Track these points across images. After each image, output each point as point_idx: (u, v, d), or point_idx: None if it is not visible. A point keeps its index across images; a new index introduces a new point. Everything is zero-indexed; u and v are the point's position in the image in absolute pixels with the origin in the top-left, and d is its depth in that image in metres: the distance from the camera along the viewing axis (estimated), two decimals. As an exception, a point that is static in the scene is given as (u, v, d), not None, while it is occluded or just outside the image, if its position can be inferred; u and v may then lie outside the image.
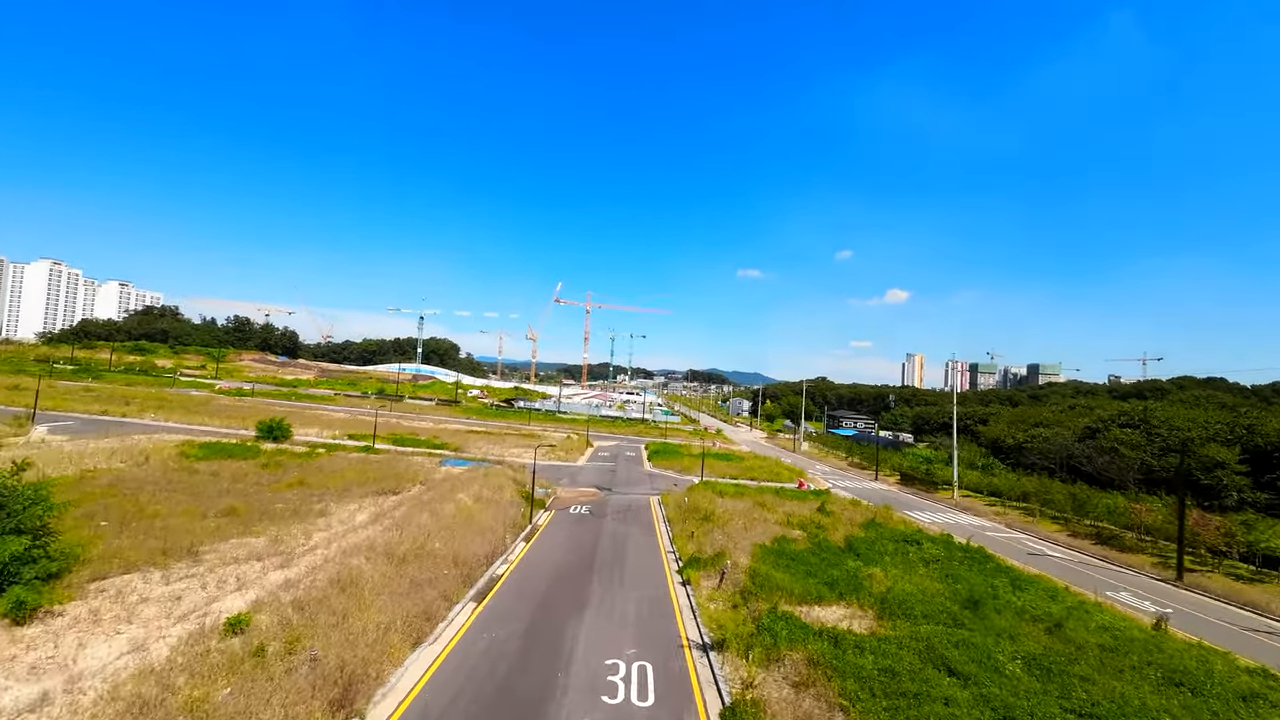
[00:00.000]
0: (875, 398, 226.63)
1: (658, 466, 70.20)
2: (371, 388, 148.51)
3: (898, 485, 71.09)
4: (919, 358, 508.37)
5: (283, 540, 24.95)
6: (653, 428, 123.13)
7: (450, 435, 79.22)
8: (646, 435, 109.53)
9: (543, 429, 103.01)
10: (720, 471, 66.89)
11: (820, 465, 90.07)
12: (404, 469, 43.63)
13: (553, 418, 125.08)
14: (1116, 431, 57.85)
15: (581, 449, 79.15)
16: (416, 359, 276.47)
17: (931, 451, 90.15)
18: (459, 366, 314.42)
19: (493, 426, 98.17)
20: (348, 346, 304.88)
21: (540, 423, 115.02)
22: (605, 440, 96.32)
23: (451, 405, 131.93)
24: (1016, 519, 52.40)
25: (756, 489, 51.20)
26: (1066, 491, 51.20)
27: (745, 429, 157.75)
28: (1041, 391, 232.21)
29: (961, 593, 25.26)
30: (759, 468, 70.90)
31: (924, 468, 73.55)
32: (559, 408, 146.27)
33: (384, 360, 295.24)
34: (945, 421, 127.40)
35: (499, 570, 28.18)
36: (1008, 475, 59.43)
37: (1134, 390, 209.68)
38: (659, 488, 56.30)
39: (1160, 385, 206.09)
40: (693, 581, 27.59)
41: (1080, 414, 76.21)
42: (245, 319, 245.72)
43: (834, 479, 74.75)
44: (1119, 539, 43.96)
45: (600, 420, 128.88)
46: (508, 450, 69.91)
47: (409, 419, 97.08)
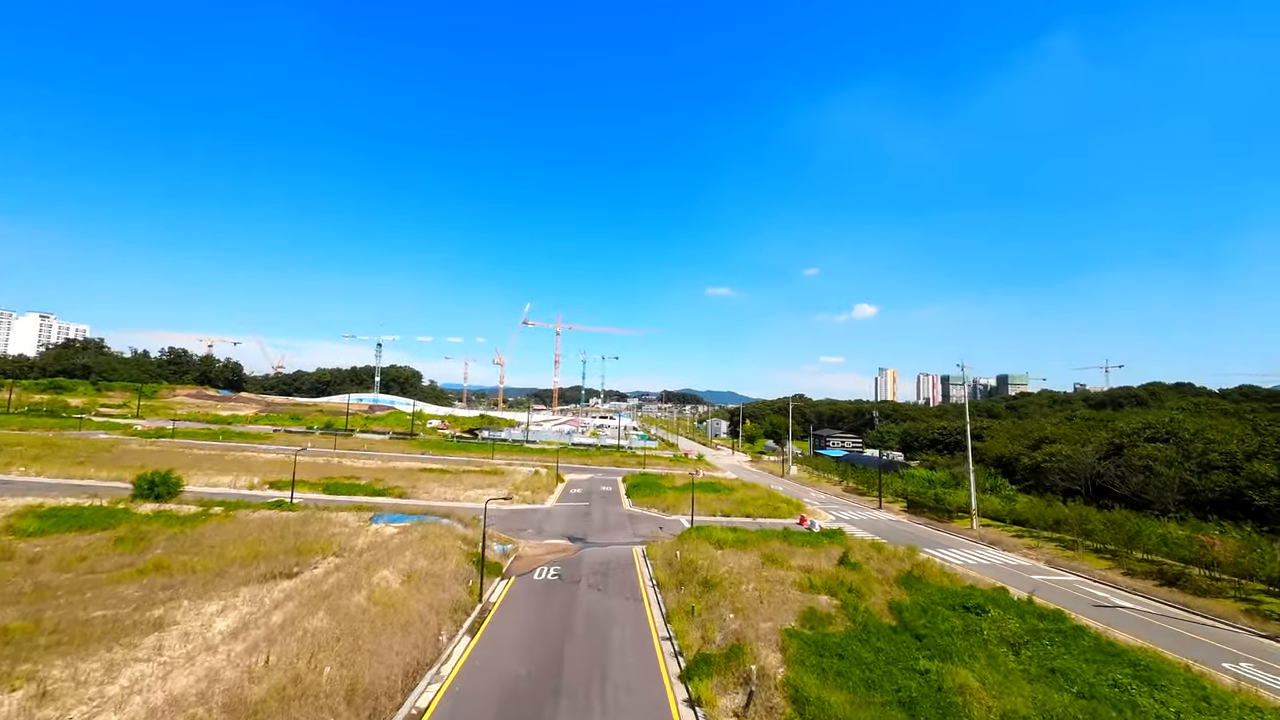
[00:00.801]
0: (855, 414, 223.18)
1: (638, 504, 61.74)
2: (318, 422, 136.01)
3: (906, 514, 64.23)
4: (891, 371, 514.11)
5: (57, 695, 15.72)
6: (629, 456, 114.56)
7: (398, 476, 69.24)
8: (623, 465, 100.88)
9: (508, 463, 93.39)
10: (710, 507, 58.88)
11: (814, 492, 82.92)
12: (317, 534, 34.23)
13: (520, 449, 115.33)
14: (1146, 447, 52.44)
15: (550, 487, 70.10)
16: (374, 389, 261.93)
17: (930, 473, 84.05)
18: (421, 395, 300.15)
19: (451, 462, 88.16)
20: (300, 378, 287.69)
21: (506, 455, 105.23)
22: (578, 473, 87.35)
23: (407, 439, 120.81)
24: (1055, 554, 45.78)
25: (758, 533, 43.36)
26: (1108, 520, 44.94)
27: (726, 452, 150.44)
28: (1017, 402, 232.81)
29: (1095, 712, 17.66)
30: (752, 500, 63.16)
31: (932, 493, 67.00)
32: (527, 437, 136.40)
33: (340, 391, 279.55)
34: (935, 438, 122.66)
35: (422, 699, 19.40)
36: (1035, 502, 53.15)
37: (1108, 398, 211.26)
38: (642, 533, 47.88)
39: (1133, 392, 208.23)
40: (705, 700, 19.37)
41: (1094, 427, 71.31)
42: (182, 351, 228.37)
43: (834, 508, 67.55)
44: (1186, 578, 37.51)
45: (572, 450, 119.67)
46: (464, 492, 60.52)
47: (354, 457, 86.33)
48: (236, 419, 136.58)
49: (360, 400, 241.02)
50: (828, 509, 67.58)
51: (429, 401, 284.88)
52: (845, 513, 65.12)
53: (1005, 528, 55.11)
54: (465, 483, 67.87)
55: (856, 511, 65.97)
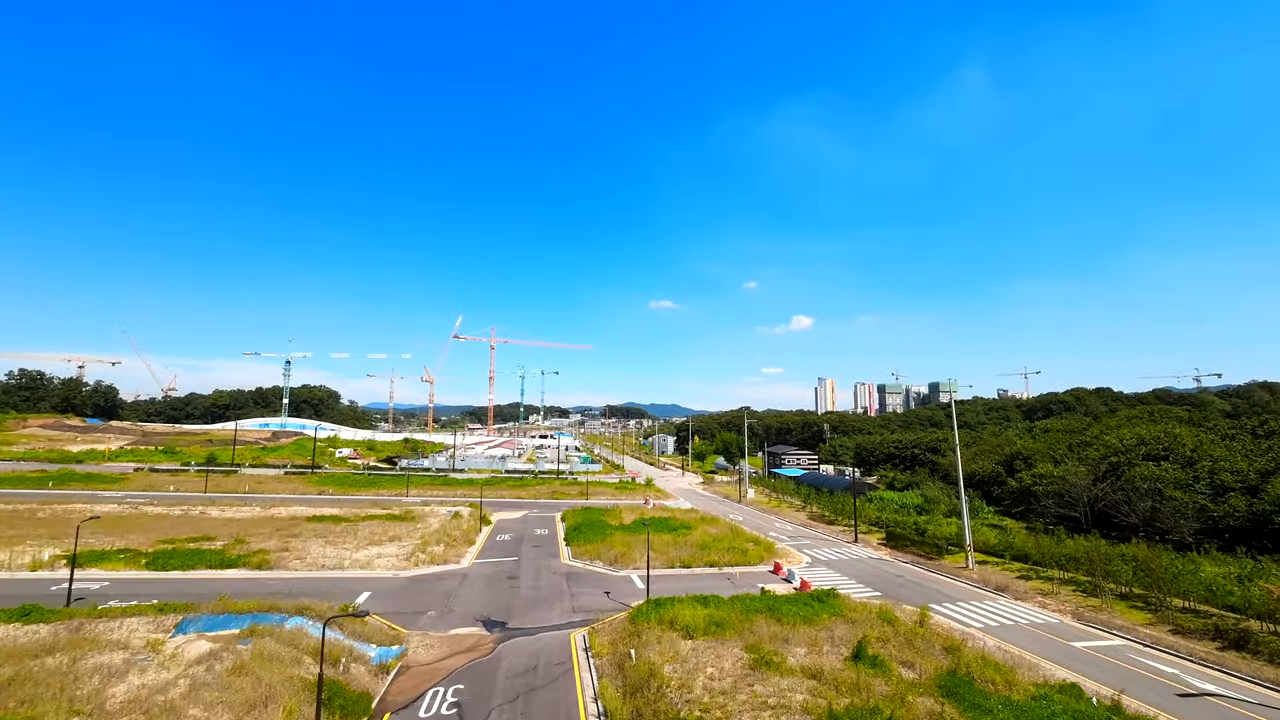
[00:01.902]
0: (802, 425, 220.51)
1: (580, 555, 50.84)
2: (197, 456, 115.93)
3: (887, 549, 56.79)
4: (830, 381, 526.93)
5: None
6: (570, 484, 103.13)
7: (273, 530, 55.13)
8: (562, 497, 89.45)
9: (424, 501, 79.90)
10: (666, 555, 48.98)
11: (778, 521, 74.83)
12: (45, 684, 21.29)
13: (443, 480, 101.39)
14: (1146, 467, 47.49)
15: (471, 535, 57.98)
16: (282, 412, 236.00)
17: (900, 495, 77.95)
18: (339, 417, 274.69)
19: (352, 504, 73.79)
20: (192, 401, 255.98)
21: (425, 490, 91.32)
22: (509, 511, 75.27)
23: (307, 473, 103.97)
24: (1078, 604, 38.95)
25: (733, 602, 33.90)
26: (1134, 559, 38.65)
27: (676, 473, 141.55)
28: (960, 410, 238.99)
29: None
30: (715, 543, 53.78)
31: (912, 522, 60.11)
32: (454, 465, 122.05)
33: (243, 415, 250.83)
34: (891, 452, 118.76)
35: None
36: (1041, 539, 46.63)
37: (1038, 404, 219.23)
38: (584, 605, 37.23)
39: (1060, 398, 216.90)
40: None
41: (1069, 441, 67.22)
42: (38, 374, 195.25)
43: (805, 544, 59.36)
44: (1247, 636, 31.02)
45: (505, 479, 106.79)
46: (355, 552, 47.68)
47: (227, 503, 70.40)
48: (92, 455, 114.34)
49: (264, 426, 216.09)
50: (798, 544, 59.29)
51: (348, 425, 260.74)
52: (820, 549, 56.96)
53: (1004, 565, 48.36)
54: (361, 535, 54.77)
55: (832, 548, 57.95)
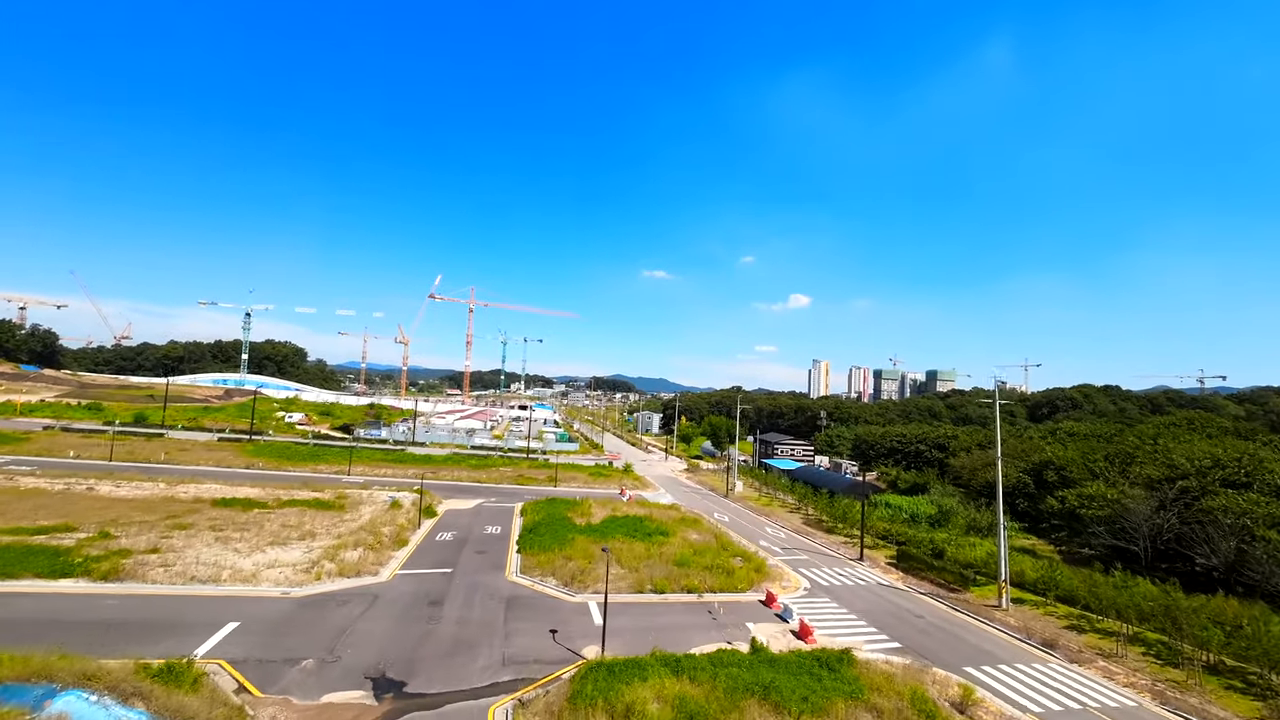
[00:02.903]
0: (795, 409, 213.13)
1: (531, 570, 42.24)
2: (124, 415, 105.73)
3: (900, 573, 48.98)
4: (824, 364, 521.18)
5: None
6: (540, 466, 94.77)
7: (159, 518, 46.07)
8: (529, 483, 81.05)
9: (366, 481, 71.07)
10: (636, 572, 40.78)
11: (769, 524, 67.09)
12: None
13: (396, 457, 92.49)
14: (1229, 496, 39.54)
15: (404, 533, 49.21)
16: (241, 368, 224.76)
17: (909, 500, 70.33)
18: (304, 376, 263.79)
19: (279, 482, 64.62)
20: (144, 352, 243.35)
21: (373, 466, 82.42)
22: (461, 499, 66.71)
23: (241, 441, 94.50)
24: (1153, 674, 31.21)
25: (722, 694, 25.61)
26: (1233, 619, 30.87)
27: (659, 455, 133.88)
28: (955, 401, 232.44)
29: None
30: (695, 556, 45.62)
31: (928, 540, 52.32)
32: (414, 437, 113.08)
33: (200, 369, 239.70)
34: (894, 446, 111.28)
35: None
36: (1097, 579, 38.69)
37: (1044, 399, 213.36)
38: (520, 656, 28.72)
39: (1067, 394, 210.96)
40: None
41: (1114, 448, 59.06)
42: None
43: (801, 558, 51.48)
44: None
45: (467, 457, 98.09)
46: (248, 556, 38.87)
47: (126, 475, 60.97)
48: (4, 409, 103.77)
49: (219, 383, 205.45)
50: (794, 559, 51.38)
51: (314, 385, 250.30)
52: (820, 569, 49.04)
53: (1046, 608, 40.62)
54: (268, 529, 45.91)
55: (834, 567, 50.05)
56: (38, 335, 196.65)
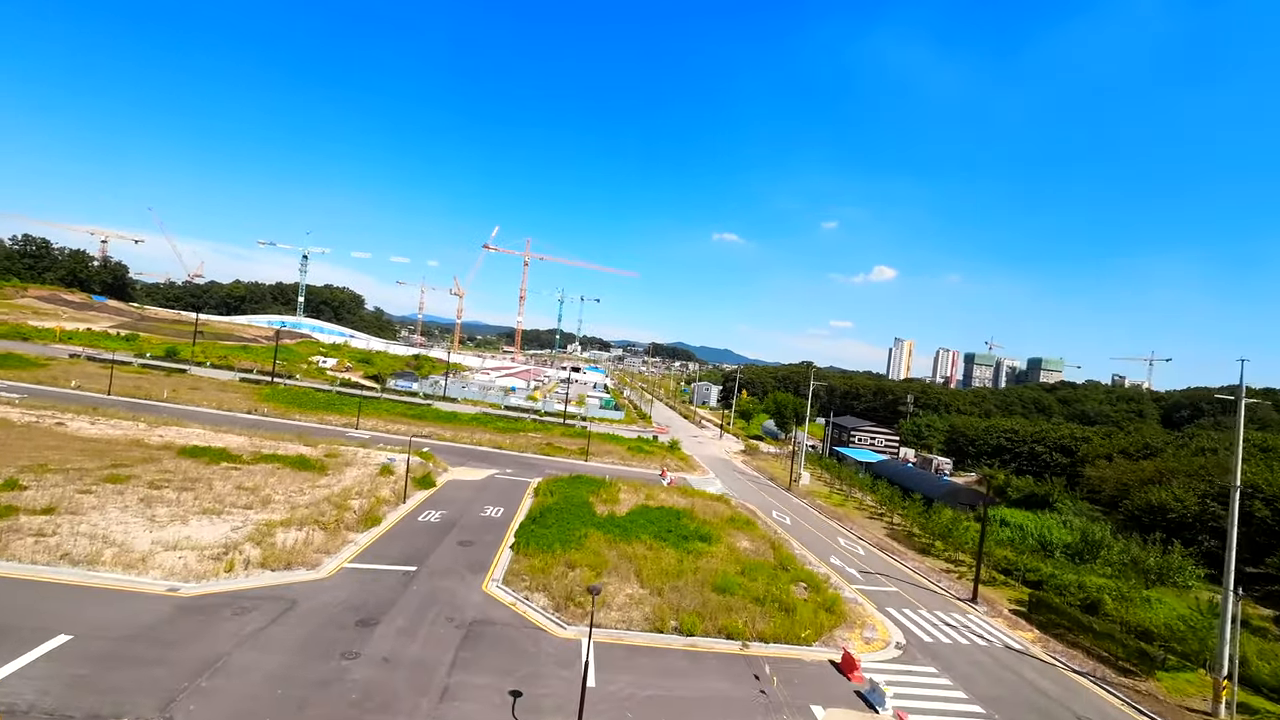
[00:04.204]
0: (875, 392, 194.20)
1: (519, 579, 32.27)
2: (157, 349, 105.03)
3: (1037, 637, 35.74)
4: (908, 344, 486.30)
5: None
6: (573, 434, 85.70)
7: (105, 465, 39.79)
8: (556, 454, 72.03)
9: (373, 437, 64.00)
10: (658, 595, 30.32)
11: (844, 534, 54.78)
12: None
13: (418, 412, 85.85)
14: None
15: (377, 510, 40.51)
16: (297, 310, 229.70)
17: (1038, 520, 55.80)
18: (360, 323, 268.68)
19: (273, 431, 58.22)
20: (210, 290, 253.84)
21: (389, 420, 75.85)
22: (472, 468, 58.27)
23: (260, 384, 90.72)
24: None
25: None
26: None
27: (713, 432, 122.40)
28: (1067, 394, 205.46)
29: None
30: (744, 579, 34.44)
31: (1075, 584, 38.68)
32: (444, 392, 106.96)
33: (259, 310, 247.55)
34: (1001, 444, 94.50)
35: None
36: None
37: (1185, 399, 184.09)
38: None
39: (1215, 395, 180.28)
40: None
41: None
42: (44, 241, 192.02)
43: (887, 590, 39.22)
44: None
45: (496, 419, 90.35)
46: (153, 532, 31.15)
47: (114, 412, 56.22)
48: (43, 334, 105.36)
49: (274, 324, 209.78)
50: (878, 591, 39.16)
51: (369, 332, 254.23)
52: (917, 611, 36.66)
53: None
54: (215, 491, 38.57)
55: (936, 611, 37.48)
56: (109, 267, 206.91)
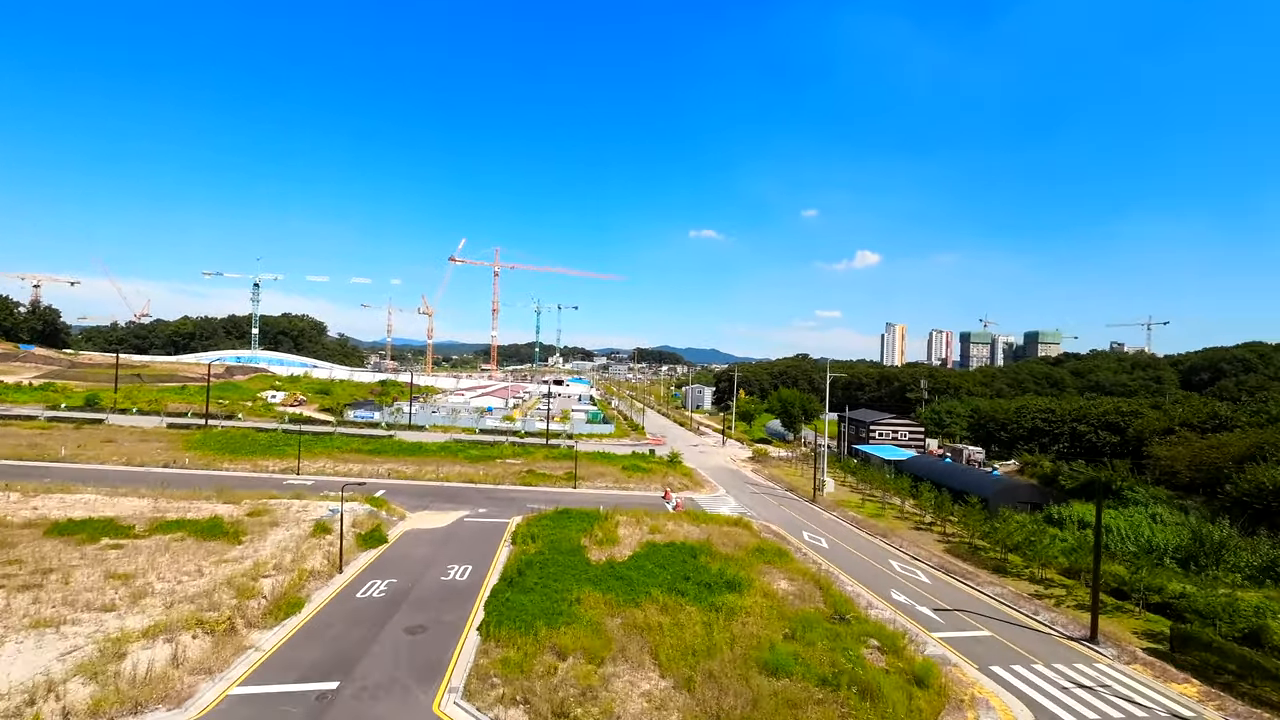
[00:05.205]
0: (879, 380, 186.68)
1: (481, 696, 22.94)
2: (75, 397, 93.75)
3: (1200, 693, 27.24)
4: (900, 328, 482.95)
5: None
6: (559, 456, 76.34)
7: None
8: (540, 482, 62.76)
9: (313, 485, 53.93)
10: (682, 661, 21.08)
11: (892, 551, 46.14)
12: None
13: (376, 446, 75.82)
14: None
15: (310, 582, 30.95)
16: (251, 342, 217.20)
17: (1128, 517, 47.75)
18: (324, 352, 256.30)
19: (189, 485, 48.04)
20: (156, 330, 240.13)
21: (339, 459, 65.83)
22: (436, 511, 48.71)
23: (191, 428, 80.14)
24: None
25: None
26: None
27: (714, 439, 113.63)
28: (1079, 366, 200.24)
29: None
30: (793, 640, 25.57)
31: (1223, 608, 30.44)
32: (410, 419, 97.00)
33: (211, 345, 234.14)
34: (1037, 426, 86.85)
35: None
36: None
37: (1204, 362, 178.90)
38: None
39: (1232, 353, 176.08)
40: None
41: None
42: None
43: (973, 629, 30.59)
44: None
45: (466, 448, 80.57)
46: (26, 624, 21.38)
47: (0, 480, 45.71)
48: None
49: (221, 360, 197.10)
50: (966, 639, 30.43)
51: (334, 360, 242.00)
52: (1028, 667, 27.94)
53: None
54: (73, 585, 28.97)
55: (1052, 664, 28.79)
56: (39, 313, 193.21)
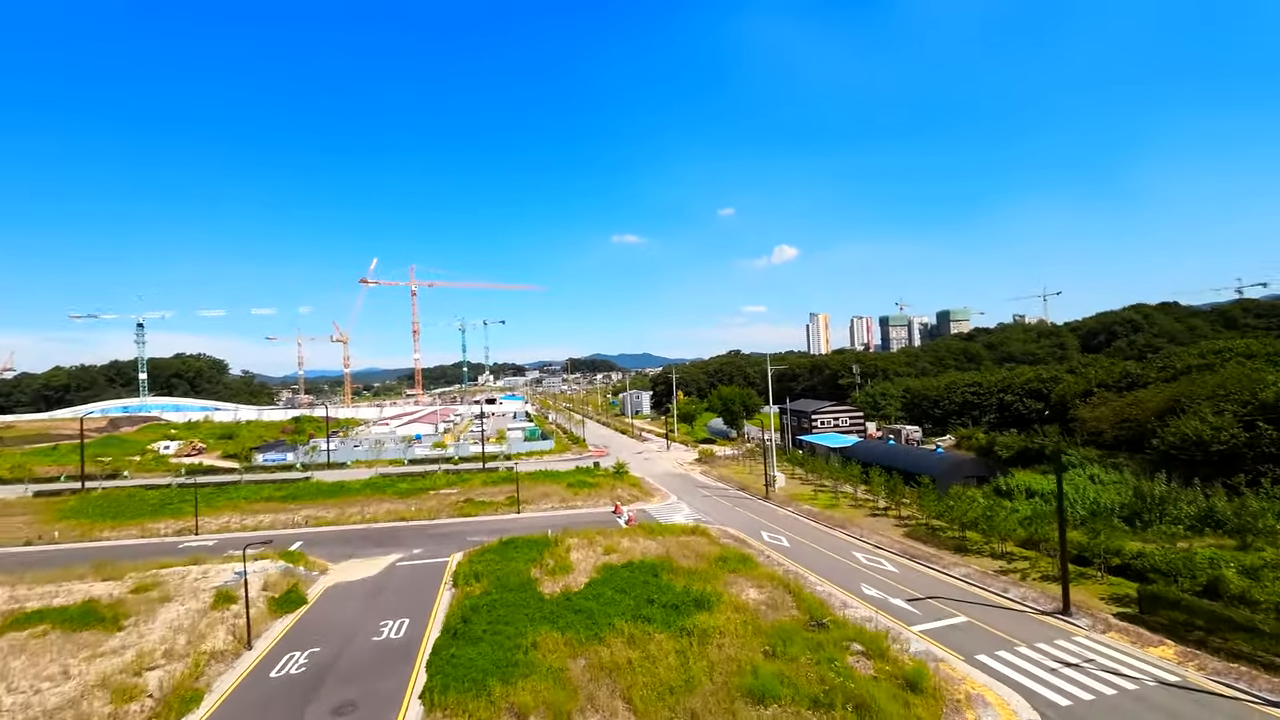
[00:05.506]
0: (812, 369, 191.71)
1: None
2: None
3: (1178, 653, 27.25)
4: (823, 317, 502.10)
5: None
6: (498, 480, 71.82)
7: None
8: (479, 512, 58.41)
9: (215, 545, 47.25)
10: (659, 701, 18.42)
11: (852, 541, 45.29)
12: None
13: (290, 492, 68.64)
14: None
15: (203, 670, 25.88)
16: (140, 389, 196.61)
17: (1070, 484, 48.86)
18: (228, 392, 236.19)
19: (50, 575, 40.45)
20: (21, 384, 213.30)
21: (244, 512, 58.66)
22: (363, 559, 43.68)
23: (63, 494, 69.87)
24: None
25: None
26: None
27: (658, 443, 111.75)
28: (993, 338, 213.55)
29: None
30: (774, 658, 23.42)
31: (1180, 562, 30.96)
32: (329, 457, 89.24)
33: (92, 397, 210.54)
34: (968, 399, 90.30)
35: None
36: None
37: (1100, 326, 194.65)
38: None
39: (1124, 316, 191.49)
40: None
41: None
42: None
43: (951, 617, 29.69)
44: None
45: (394, 483, 74.56)
46: None
47: None
48: None
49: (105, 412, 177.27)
50: (947, 628, 29.37)
51: (240, 401, 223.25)
52: (1012, 651, 27.09)
53: None
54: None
55: (1035, 644, 28.13)
56: None
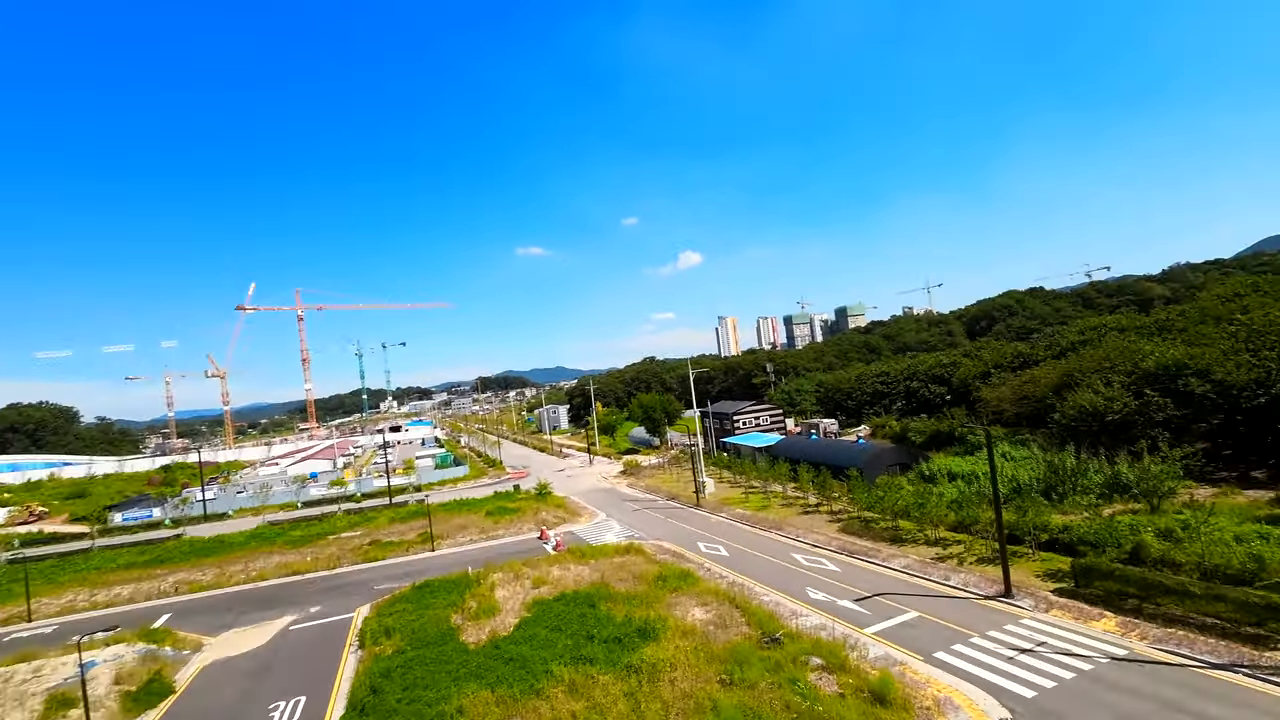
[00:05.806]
0: (726, 371, 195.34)
1: None
2: None
3: (1121, 625, 27.71)
4: (731, 319, 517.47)
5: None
6: (407, 514, 65.62)
7: None
8: (387, 554, 52.55)
9: (55, 629, 38.82)
10: None
11: (790, 544, 44.38)
12: None
13: (157, 555, 59.11)
14: None
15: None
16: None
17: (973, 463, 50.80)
18: (78, 444, 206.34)
19: None
20: None
21: (97, 585, 49.35)
22: (248, 627, 37.31)
23: None
24: None
25: None
26: None
27: (579, 459, 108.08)
28: (890, 331, 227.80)
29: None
30: (733, 686, 21.24)
31: (1106, 531, 32.04)
32: (204, 510, 78.54)
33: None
34: (878, 389, 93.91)
35: None
36: None
37: (981, 313, 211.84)
38: None
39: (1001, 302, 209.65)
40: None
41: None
42: None
43: (904, 613, 28.98)
44: None
45: (285, 531, 66.42)
46: None
47: None
48: None
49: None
50: (899, 625, 28.54)
51: (94, 452, 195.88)
52: (971, 644, 26.54)
53: None
54: None
55: (991, 632, 27.77)
56: None
